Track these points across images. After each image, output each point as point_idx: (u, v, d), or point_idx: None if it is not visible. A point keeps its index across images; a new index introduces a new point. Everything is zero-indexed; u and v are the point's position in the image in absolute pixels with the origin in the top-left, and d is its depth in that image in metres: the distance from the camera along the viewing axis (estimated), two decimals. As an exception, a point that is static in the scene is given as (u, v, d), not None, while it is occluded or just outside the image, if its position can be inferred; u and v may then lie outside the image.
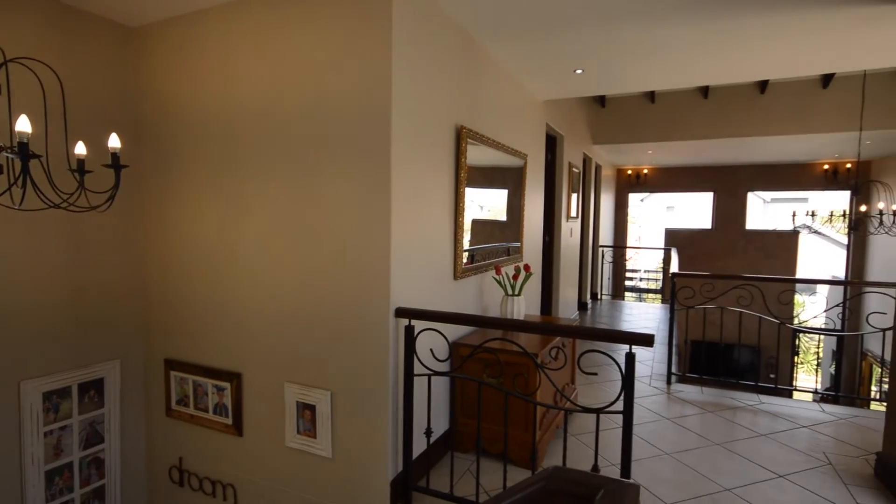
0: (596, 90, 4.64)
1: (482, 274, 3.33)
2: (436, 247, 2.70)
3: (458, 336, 2.92)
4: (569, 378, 3.43)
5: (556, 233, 5.61)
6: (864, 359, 8.21)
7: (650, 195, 19.27)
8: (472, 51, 3.08)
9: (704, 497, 2.49)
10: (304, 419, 2.46)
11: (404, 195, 2.33)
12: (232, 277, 2.65)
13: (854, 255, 9.08)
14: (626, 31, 2.96)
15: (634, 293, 13.27)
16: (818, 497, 2.50)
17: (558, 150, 5.57)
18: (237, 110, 2.56)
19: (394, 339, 2.30)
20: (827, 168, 9.10)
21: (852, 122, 5.72)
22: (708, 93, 6.70)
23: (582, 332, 2.22)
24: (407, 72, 2.30)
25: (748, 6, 2.60)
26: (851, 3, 2.54)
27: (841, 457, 2.94)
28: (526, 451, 2.61)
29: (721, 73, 4.03)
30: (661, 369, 4.61)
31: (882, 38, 3.02)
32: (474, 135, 3.02)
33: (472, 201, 3.32)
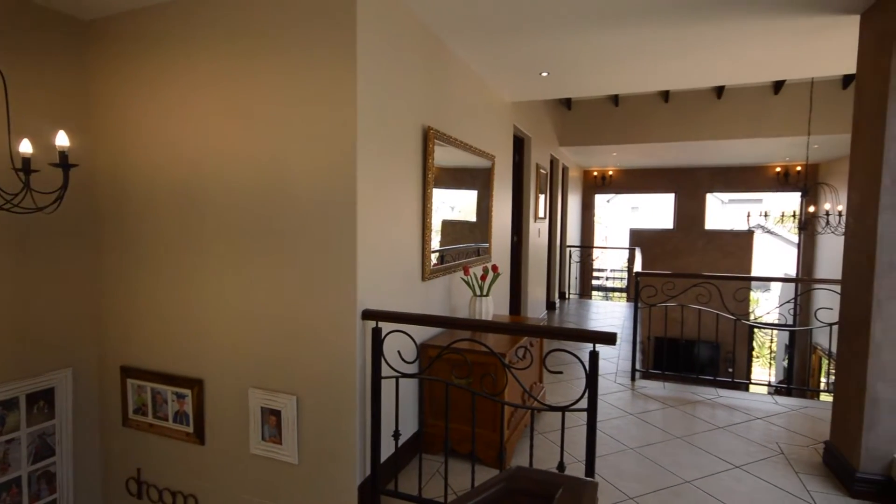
0: (562, 93, 4.72)
1: (451, 275, 3.34)
2: (403, 248, 2.69)
3: (426, 337, 2.91)
4: (537, 377, 3.48)
5: (524, 233, 5.68)
6: (814, 352, 8.64)
7: (616, 196, 19.74)
8: (440, 52, 3.08)
9: (666, 490, 2.57)
10: (269, 425, 2.41)
11: (370, 196, 2.31)
12: (193, 279, 2.56)
13: (804, 254, 9.55)
14: (589, 35, 3.02)
15: (601, 292, 13.58)
16: (771, 485, 2.62)
17: (526, 152, 5.64)
18: (197, 100, 2.48)
19: (361, 342, 2.28)
20: (779, 171, 9.54)
21: (801, 127, 6.02)
22: (668, 97, 6.92)
23: (547, 332, 2.26)
24: (373, 71, 2.28)
25: (703, 14, 2.70)
26: (798, 13, 2.67)
27: (792, 446, 3.08)
28: (494, 450, 2.63)
29: (680, 78, 4.17)
30: (625, 366, 4.73)
31: (826, 47, 3.19)
32: (441, 136, 3.03)
33: (442, 202, 3.33)
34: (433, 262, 3.06)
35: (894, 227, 2.36)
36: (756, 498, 2.50)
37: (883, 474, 2.44)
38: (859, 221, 2.59)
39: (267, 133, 2.34)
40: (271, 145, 2.33)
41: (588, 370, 1.95)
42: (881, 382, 2.42)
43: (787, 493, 2.54)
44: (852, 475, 2.51)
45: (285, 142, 2.30)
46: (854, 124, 2.69)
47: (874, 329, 2.42)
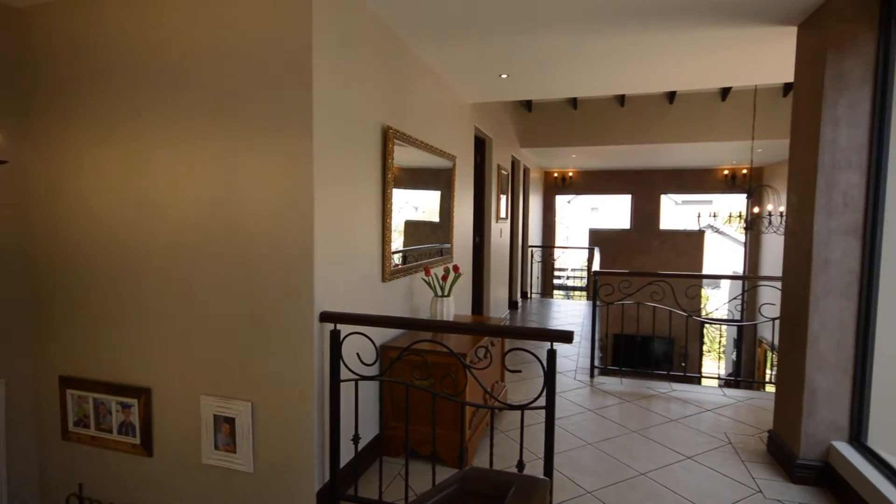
0: (521, 95, 4.79)
1: (412, 275, 3.32)
2: (363, 249, 2.65)
3: (387, 339, 2.88)
4: (498, 376, 3.51)
5: (486, 233, 5.72)
6: (760, 346, 9.11)
7: (576, 197, 20.22)
8: (400, 51, 3.06)
9: (622, 483, 2.64)
10: (222, 433, 2.32)
11: (328, 196, 2.26)
12: (139, 282, 2.44)
13: (750, 252, 10.05)
14: (547, 38, 3.08)
15: (563, 291, 13.85)
16: (719, 474, 2.73)
17: (487, 153, 5.69)
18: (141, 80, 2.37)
19: (318, 345, 2.23)
20: (727, 173, 10.02)
21: (746, 132, 6.33)
22: (624, 101, 7.13)
23: (506, 331, 2.28)
24: (329, 69, 2.24)
25: (654, 22, 2.79)
26: (740, 24, 2.80)
27: (739, 436, 3.23)
28: (456, 450, 2.63)
29: (634, 83, 4.31)
30: (585, 363, 4.83)
31: (767, 57, 3.36)
32: (402, 135, 3.01)
33: (406, 202, 3.32)
34: (394, 263, 3.03)
35: (828, 227, 2.51)
36: (705, 486, 2.60)
37: (821, 460, 2.59)
38: (797, 222, 2.74)
39: (214, 129, 2.25)
40: (219, 142, 2.25)
41: (546, 368, 1.97)
42: (819, 373, 2.57)
43: (734, 481, 2.66)
44: (793, 462, 2.65)
45: (235, 138, 2.22)
46: (792, 130, 2.84)
47: (812, 322, 2.56)
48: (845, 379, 2.53)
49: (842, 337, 2.53)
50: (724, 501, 2.47)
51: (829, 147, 2.49)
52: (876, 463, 2.30)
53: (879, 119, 2.40)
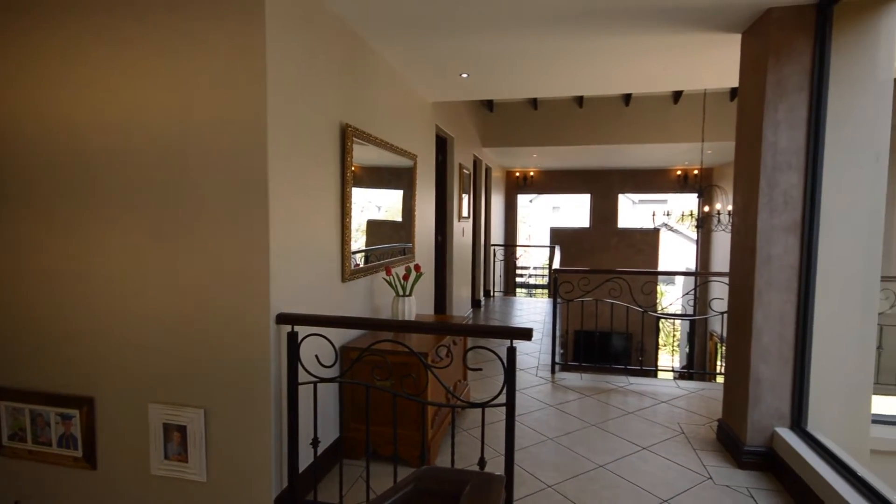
0: (482, 94, 4.82)
1: (373, 275, 3.28)
2: (322, 249, 2.60)
3: (347, 340, 2.84)
4: (461, 375, 3.52)
5: (448, 233, 5.73)
6: (711, 339, 9.53)
7: (538, 196, 20.57)
8: (358, 48, 3.01)
9: (581, 476, 2.70)
10: (172, 442, 2.22)
11: (284, 195, 2.20)
12: (80, 284, 2.30)
13: (702, 250, 10.50)
14: (505, 39, 3.10)
15: (525, 289, 14.05)
16: (672, 463, 2.84)
17: (449, 152, 5.70)
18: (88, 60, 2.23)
19: (275, 347, 2.17)
20: (680, 173, 10.43)
21: (697, 134, 6.61)
22: (583, 103, 7.30)
23: (465, 330, 2.28)
24: (284, 65, 2.18)
25: (607, 27, 2.86)
26: (687, 30, 2.91)
27: (692, 426, 3.36)
28: (418, 450, 2.61)
29: (591, 85, 4.42)
30: (546, 360, 4.92)
31: (714, 62, 3.51)
32: (361, 134, 2.97)
33: (368, 202, 3.28)
34: (355, 263, 2.99)
35: (770, 224, 2.65)
36: (659, 476, 2.69)
37: (765, 446, 2.73)
38: (743, 220, 2.87)
39: (166, 120, 2.15)
40: (170, 133, 2.15)
41: (506, 365, 1.99)
42: (762, 364, 2.70)
43: (687, 469, 2.76)
44: (741, 449, 2.78)
45: (187, 130, 2.13)
46: (737, 133, 2.98)
47: (756, 316, 2.69)
48: (787, 369, 2.68)
49: (783, 329, 2.67)
50: (677, 489, 2.56)
51: (771, 149, 2.62)
52: (814, 447, 2.45)
53: (815, 123, 2.55)
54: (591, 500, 2.46)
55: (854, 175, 2.54)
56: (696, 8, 2.60)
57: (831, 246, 2.56)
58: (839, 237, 2.55)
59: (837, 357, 2.59)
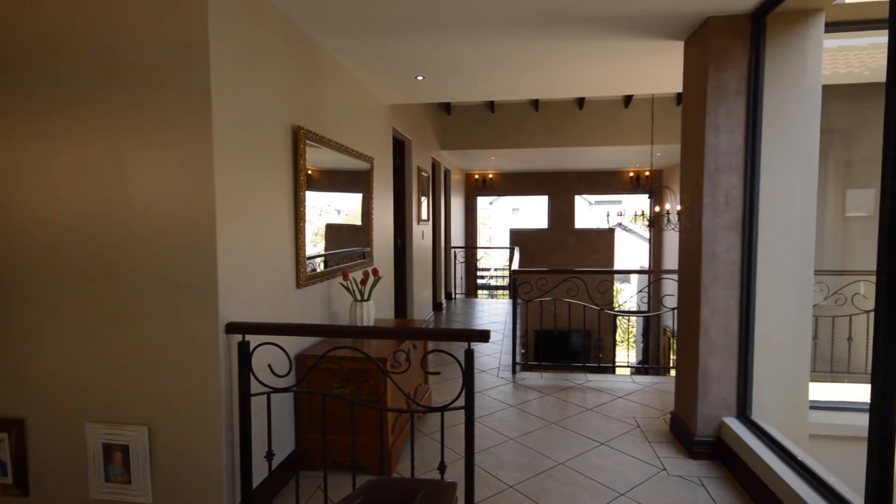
0: (437, 97, 4.82)
1: (330, 280, 3.21)
2: (275, 254, 2.52)
3: (303, 348, 2.76)
4: (422, 379, 3.49)
5: (407, 236, 5.69)
6: (665, 334, 9.90)
7: (498, 198, 20.82)
8: (310, 50, 2.95)
9: (542, 474, 2.72)
10: (113, 463, 2.08)
11: (232, 200, 2.12)
12: (6, 296, 2.13)
13: (654, 248, 10.90)
14: (459, 42, 3.11)
15: (487, 290, 14.16)
16: (629, 456, 2.91)
17: (407, 155, 5.67)
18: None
19: (225, 358, 2.08)
20: (632, 175, 10.79)
21: (646, 137, 6.86)
22: (538, 106, 7.44)
23: (422, 334, 2.26)
24: (230, 64, 2.10)
25: (557, 31, 2.91)
26: (632, 36, 3.00)
27: (646, 419, 3.47)
28: (378, 457, 2.57)
29: (546, 89, 4.50)
30: (507, 360, 4.96)
31: (660, 68, 3.65)
32: (314, 136, 2.90)
33: (327, 205, 3.24)
34: (311, 269, 2.91)
35: (714, 223, 2.77)
36: (617, 470, 2.76)
37: (714, 435, 2.84)
38: (689, 219, 2.99)
39: (98, 126, 2.02)
40: (104, 142, 2.02)
41: (464, 368, 1.98)
42: (710, 356, 2.82)
43: (642, 462, 2.84)
44: (692, 439, 2.88)
45: (122, 136, 2.01)
46: (682, 136, 3.10)
47: (703, 311, 2.81)
48: (732, 361, 2.80)
49: (728, 323, 2.79)
50: (633, 482, 2.63)
51: (713, 151, 2.74)
52: (758, 434, 2.57)
53: (752, 126, 2.68)
54: (552, 497, 2.49)
55: (788, 176, 2.69)
56: (642, 16, 2.69)
57: (769, 243, 2.70)
58: (776, 235, 2.70)
59: (777, 348, 2.73)
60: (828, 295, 4.00)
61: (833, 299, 3.98)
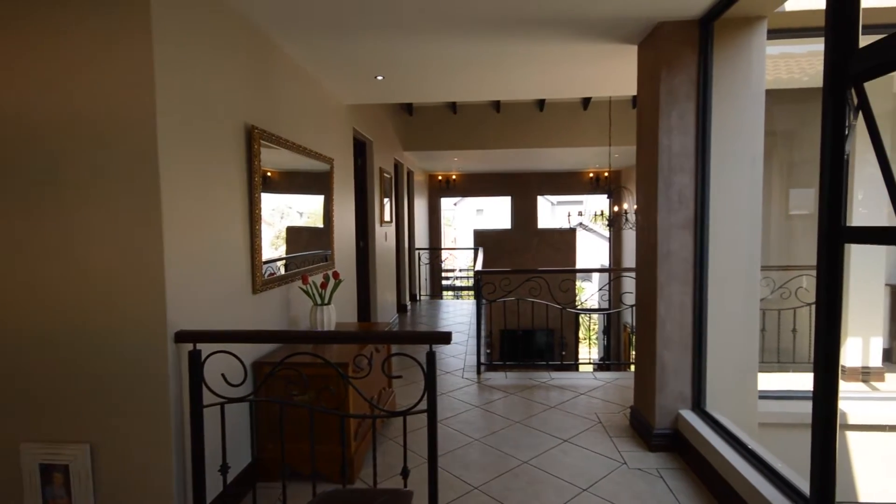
0: (398, 97, 4.78)
1: (289, 284, 3.12)
2: (228, 259, 2.42)
3: (260, 355, 2.67)
4: (386, 382, 3.44)
5: (370, 238, 5.62)
6: (625, 330, 10.18)
7: (462, 199, 20.91)
8: (265, 48, 2.86)
9: (507, 474, 2.73)
10: (52, 485, 1.95)
11: (180, 200, 2.02)
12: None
13: (614, 247, 11.20)
14: (417, 43, 3.09)
15: (452, 291, 14.18)
16: (591, 452, 2.96)
17: (368, 156, 5.60)
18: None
19: (174, 368, 1.98)
20: (592, 176, 11.05)
21: (605, 138, 7.03)
22: (500, 108, 7.51)
23: (382, 337, 2.23)
24: (177, 61, 2.00)
25: (514, 33, 2.93)
26: (588, 40, 3.05)
27: (608, 414, 3.54)
28: (340, 465, 2.51)
29: (506, 90, 4.53)
30: (473, 361, 4.97)
31: (616, 71, 3.74)
32: (270, 136, 2.81)
33: (289, 207, 3.18)
34: (269, 273, 2.82)
35: (668, 222, 2.85)
36: (579, 466, 2.80)
37: (672, 428, 2.93)
38: (645, 218, 3.07)
39: (37, 114, 1.89)
40: (41, 128, 1.89)
41: (426, 370, 1.96)
42: (666, 351, 2.90)
43: (603, 456, 2.90)
44: (651, 432, 2.96)
45: (63, 125, 1.89)
46: (638, 137, 3.19)
47: (659, 307, 2.89)
48: (687, 355, 2.89)
49: (682, 318, 2.88)
50: (595, 477, 2.67)
51: (666, 152, 2.83)
52: (711, 424, 2.66)
53: (702, 129, 2.78)
54: (516, 497, 2.49)
55: (736, 176, 2.80)
56: (596, 19, 2.74)
57: (719, 241, 2.80)
58: (725, 232, 2.80)
59: (728, 341, 2.84)
60: (774, 289, 4.20)
61: (779, 293, 4.19)
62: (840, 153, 1.65)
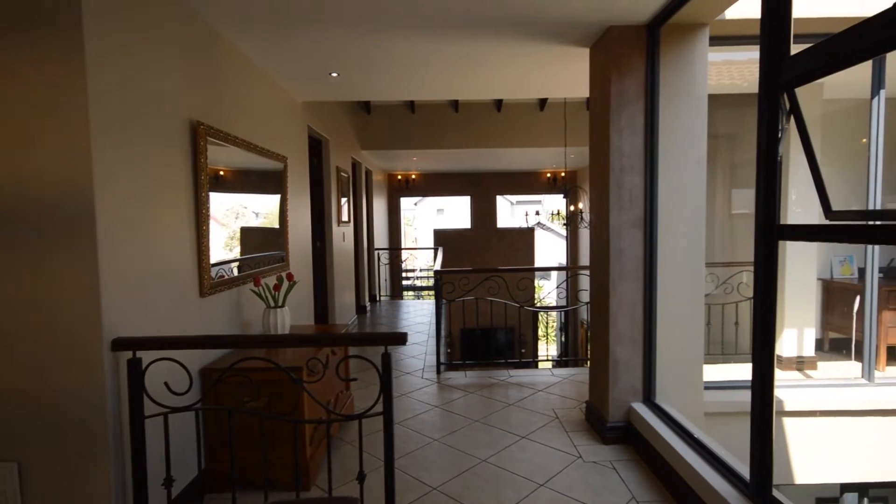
0: (355, 95, 4.72)
1: (240, 287, 3.01)
2: (173, 261, 2.30)
3: (209, 361, 2.56)
4: (343, 385, 3.38)
5: (327, 238, 5.51)
6: (582, 327, 10.44)
7: (423, 199, 20.87)
8: (213, 42, 2.74)
9: (466, 472, 2.74)
10: (-27, 509, 1.79)
11: (117, 200, 1.90)
12: None
13: (571, 245, 11.46)
14: (371, 40, 3.04)
15: (413, 291, 14.12)
16: (548, 448, 3.01)
17: (325, 155, 5.49)
18: None
19: (112, 378, 1.86)
20: (549, 176, 11.26)
21: (561, 139, 7.18)
22: (458, 107, 7.53)
23: (336, 339, 2.18)
24: (110, 56, 1.88)
25: (468, 33, 2.94)
26: (541, 42, 3.10)
27: (564, 410, 3.61)
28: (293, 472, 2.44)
29: (463, 89, 4.55)
30: (432, 361, 4.96)
31: (570, 73, 3.82)
32: (218, 133, 2.70)
33: (244, 208, 3.10)
34: (219, 274, 2.71)
35: (620, 220, 2.94)
36: (536, 461, 2.84)
37: (624, 421, 3.02)
38: (598, 217, 3.15)
39: (-53, 117, 1.73)
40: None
41: (381, 372, 1.93)
42: (619, 346, 2.99)
43: (560, 451, 2.95)
44: (605, 426, 3.04)
45: (-21, 130, 1.74)
46: (590, 138, 3.26)
47: (612, 303, 2.97)
48: (638, 349, 2.99)
49: (633, 314, 2.97)
50: (552, 472, 2.72)
51: (617, 153, 2.91)
52: (660, 415, 2.76)
53: (651, 130, 2.88)
54: (475, 496, 2.50)
55: (681, 177, 2.91)
56: (549, 21, 2.77)
57: (667, 239, 2.91)
58: (673, 231, 2.91)
59: (676, 335, 2.95)
60: (718, 285, 4.41)
61: (722, 288, 4.40)
62: (774, 155, 1.74)
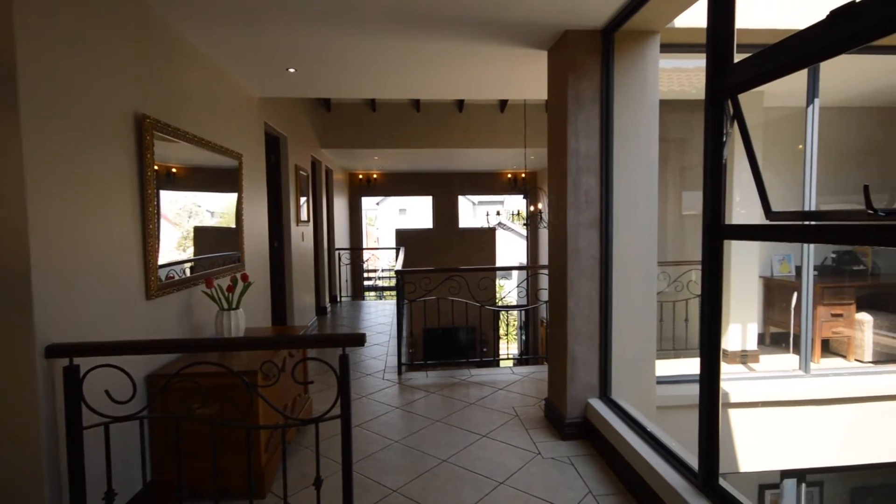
0: (313, 92, 4.62)
1: (191, 289, 2.89)
2: (116, 262, 2.18)
3: (156, 367, 2.44)
4: (302, 388, 3.30)
5: (285, 238, 5.38)
6: (542, 325, 10.63)
7: (385, 199, 20.70)
8: (161, 32, 2.61)
9: (426, 473, 2.72)
10: None
11: (52, 197, 1.78)
12: None
13: (531, 245, 11.65)
14: (328, 35, 2.98)
15: (375, 292, 13.97)
16: (508, 445, 3.04)
17: (283, 152, 5.35)
18: None
19: (46, 387, 1.74)
20: (510, 176, 11.41)
21: (520, 140, 7.28)
22: (419, 107, 7.51)
23: (291, 341, 2.13)
24: (44, 44, 1.76)
25: (427, 32, 2.93)
26: (500, 44, 3.13)
27: (524, 408, 3.66)
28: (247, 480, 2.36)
29: (424, 89, 4.53)
30: (394, 362, 4.91)
31: (528, 75, 3.87)
32: (165, 127, 2.58)
33: (198, 206, 2.99)
34: (168, 276, 2.59)
35: (577, 221, 3.00)
36: (497, 459, 2.86)
37: (582, 416, 3.08)
38: (556, 217, 3.21)
39: None
40: None
41: (339, 374, 1.89)
42: (576, 344, 3.05)
43: (520, 449, 2.99)
44: (563, 422, 3.09)
45: None
46: (549, 140, 3.32)
47: (570, 302, 3.03)
48: (595, 346, 3.06)
49: (590, 312, 3.05)
50: (512, 469, 2.74)
51: (574, 154, 2.97)
52: (616, 410, 2.84)
53: (606, 132, 2.96)
54: (435, 496, 2.49)
55: (635, 178, 3.00)
56: (508, 23, 2.80)
57: (621, 238, 3.00)
58: (626, 230, 3.00)
59: (630, 331, 3.04)
60: (669, 283, 4.58)
61: (673, 286, 4.58)
62: (719, 158, 1.82)
